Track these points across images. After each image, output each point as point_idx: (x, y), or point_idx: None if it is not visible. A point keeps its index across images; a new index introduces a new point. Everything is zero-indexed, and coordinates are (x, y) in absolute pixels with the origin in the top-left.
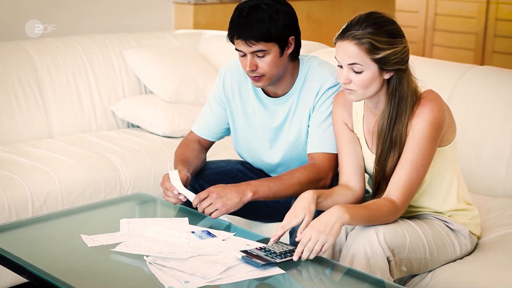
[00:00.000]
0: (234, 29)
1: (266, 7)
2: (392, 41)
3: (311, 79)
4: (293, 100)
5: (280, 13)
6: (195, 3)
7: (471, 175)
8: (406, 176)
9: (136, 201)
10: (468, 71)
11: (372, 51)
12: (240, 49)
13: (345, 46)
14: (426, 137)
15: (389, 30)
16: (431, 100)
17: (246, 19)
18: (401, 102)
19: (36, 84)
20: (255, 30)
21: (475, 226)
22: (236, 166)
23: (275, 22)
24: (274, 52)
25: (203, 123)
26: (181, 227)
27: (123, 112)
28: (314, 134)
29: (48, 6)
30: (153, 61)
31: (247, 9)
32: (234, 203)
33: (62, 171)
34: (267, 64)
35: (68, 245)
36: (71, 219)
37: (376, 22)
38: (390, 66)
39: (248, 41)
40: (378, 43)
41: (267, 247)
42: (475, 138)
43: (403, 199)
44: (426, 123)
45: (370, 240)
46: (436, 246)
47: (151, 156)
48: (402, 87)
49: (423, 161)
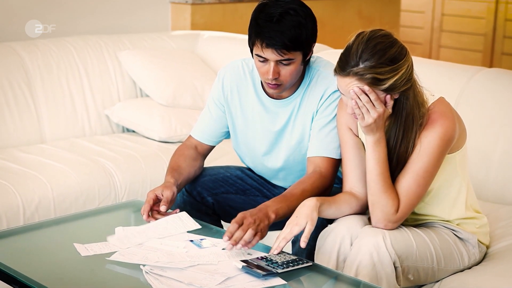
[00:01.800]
0: (264, 36)
1: (294, 13)
2: (396, 66)
3: (315, 82)
4: (296, 102)
5: (308, 18)
6: (192, 2)
7: (480, 182)
8: (406, 186)
9: (131, 208)
10: (476, 73)
11: (377, 83)
12: (266, 56)
13: (347, 82)
14: (433, 152)
15: (390, 56)
16: (442, 115)
17: (277, 26)
18: (408, 118)
19: (27, 87)
20: (288, 38)
21: (484, 235)
22: (235, 172)
23: (305, 29)
24: (298, 61)
25: (202, 127)
26: (179, 229)
27: (117, 116)
28: (316, 138)
29: (48, 6)
30: (149, 63)
31: (278, 15)
32: (265, 226)
33: (54, 177)
34: (289, 72)
35: (61, 254)
36: (64, 227)
37: (376, 52)
38: (398, 90)
39: (279, 50)
40: (381, 75)
41: (268, 256)
42: (484, 143)
43: (400, 208)
44: (436, 138)
45: (377, 245)
46: (443, 255)
47: (147, 162)
48: (409, 104)
49: (425, 174)
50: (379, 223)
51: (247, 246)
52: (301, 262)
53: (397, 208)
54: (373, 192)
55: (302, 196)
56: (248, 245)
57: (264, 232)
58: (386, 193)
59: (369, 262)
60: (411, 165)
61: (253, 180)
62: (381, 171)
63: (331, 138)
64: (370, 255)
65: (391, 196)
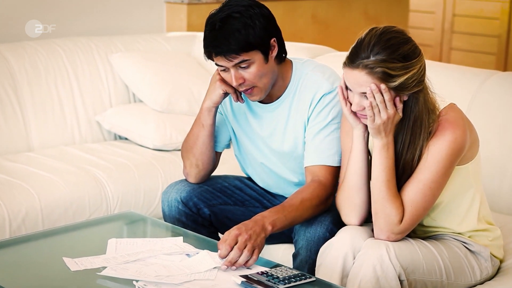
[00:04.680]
0: (210, 46)
1: (238, 15)
2: (408, 64)
3: (304, 86)
4: (284, 108)
5: (255, 17)
6: (189, 2)
7: (493, 192)
8: (412, 196)
9: (124, 220)
10: (489, 77)
11: (387, 79)
12: (221, 64)
13: (356, 76)
14: (442, 161)
15: (403, 53)
16: (452, 123)
17: (220, 33)
18: (416, 123)
19: (14, 91)
20: (233, 42)
21: (497, 248)
22: (233, 182)
23: (252, 29)
24: (258, 60)
25: None
26: (174, 249)
27: (109, 123)
28: (311, 146)
29: (48, 6)
30: (143, 66)
31: (219, 22)
32: (262, 239)
33: (42, 187)
34: (253, 75)
35: (49, 269)
36: (53, 240)
37: (389, 46)
38: (408, 90)
39: (229, 56)
40: (392, 71)
41: (269, 271)
42: (498, 152)
43: (404, 219)
44: (445, 148)
45: (380, 257)
46: (453, 268)
47: (141, 171)
48: (418, 108)
49: (432, 185)
50: (381, 234)
51: (245, 265)
52: (303, 277)
53: (401, 218)
54: (376, 199)
55: (302, 205)
56: (246, 265)
57: (261, 246)
58: (391, 201)
59: (373, 275)
60: (418, 174)
61: (252, 191)
62: (387, 178)
63: (326, 145)
64: (373, 268)
65: (395, 205)
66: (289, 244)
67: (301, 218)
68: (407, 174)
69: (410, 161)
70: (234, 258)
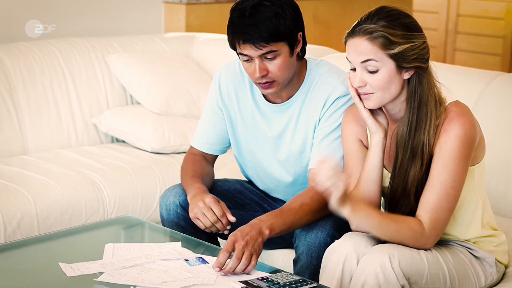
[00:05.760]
0: (239, 33)
1: (269, 3)
2: (409, 34)
3: (317, 87)
4: (295, 109)
5: (286, 7)
6: (187, 2)
7: (499, 197)
8: (435, 199)
9: (121, 225)
10: (494, 79)
11: (387, 46)
12: (247, 53)
13: (356, 43)
14: (457, 157)
15: (404, 23)
16: (460, 115)
17: (251, 20)
18: (422, 106)
19: (9, 93)
20: (264, 30)
21: (502, 254)
22: (233, 185)
23: (283, 19)
24: (284, 52)
25: (202, 135)
26: (173, 254)
27: (106, 126)
28: (318, 148)
29: (48, 6)
30: (140, 68)
31: (249, 9)
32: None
33: (38, 191)
34: (278, 67)
35: (45, 274)
36: (48, 245)
37: (390, 15)
38: (409, 62)
39: (258, 44)
40: (393, 37)
41: (269, 276)
42: (503, 155)
43: (430, 223)
44: (457, 141)
45: (383, 265)
46: (458, 275)
47: (138, 174)
48: (422, 89)
49: (453, 184)
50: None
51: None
52: (304, 283)
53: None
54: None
55: (301, 210)
56: (244, 271)
57: (259, 251)
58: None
59: (375, 282)
60: (436, 177)
61: (253, 194)
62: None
63: (333, 149)
64: (375, 274)
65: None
66: (289, 250)
67: (300, 223)
68: (417, 161)
69: (418, 148)
70: (232, 268)
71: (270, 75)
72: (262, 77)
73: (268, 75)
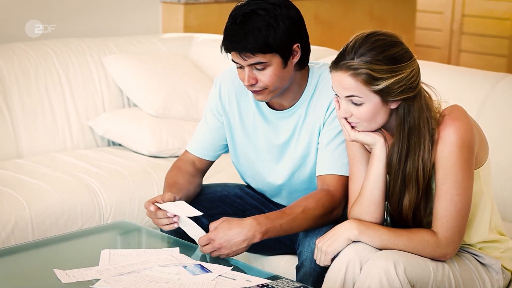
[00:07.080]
0: (227, 40)
1: (264, 13)
2: (395, 68)
3: (321, 91)
4: (300, 114)
5: (280, 18)
6: (185, 2)
7: (505, 201)
8: (442, 208)
9: (118, 230)
10: (500, 80)
11: (371, 82)
12: (236, 61)
13: (340, 78)
14: (456, 163)
15: (390, 55)
16: (454, 119)
17: (240, 28)
18: (412, 134)
19: (2, 95)
20: (250, 41)
21: (509, 260)
22: (233, 190)
23: (273, 30)
24: (275, 64)
25: (199, 140)
26: (171, 260)
27: (102, 129)
28: (324, 154)
29: (48, 6)
30: (138, 69)
31: (241, 16)
32: (241, 249)
33: (32, 196)
34: (268, 77)
35: (39, 281)
36: (43, 251)
37: (374, 47)
38: (395, 96)
39: (243, 54)
40: (377, 73)
41: (270, 284)
42: (510, 158)
43: (443, 233)
44: (453, 147)
45: (387, 272)
46: (463, 282)
47: (135, 179)
48: (411, 117)
49: (458, 190)
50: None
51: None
52: None
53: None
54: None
55: (303, 214)
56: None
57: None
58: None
59: None
60: (439, 186)
61: (253, 199)
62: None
63: (339, 153)
64: (379, 281)
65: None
66: (291, 256)
67: (299, 228)
68: (411, 187)
69: (412, 175)
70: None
71: (259, 84)
72: (251, 85)
73: (258, 84)
